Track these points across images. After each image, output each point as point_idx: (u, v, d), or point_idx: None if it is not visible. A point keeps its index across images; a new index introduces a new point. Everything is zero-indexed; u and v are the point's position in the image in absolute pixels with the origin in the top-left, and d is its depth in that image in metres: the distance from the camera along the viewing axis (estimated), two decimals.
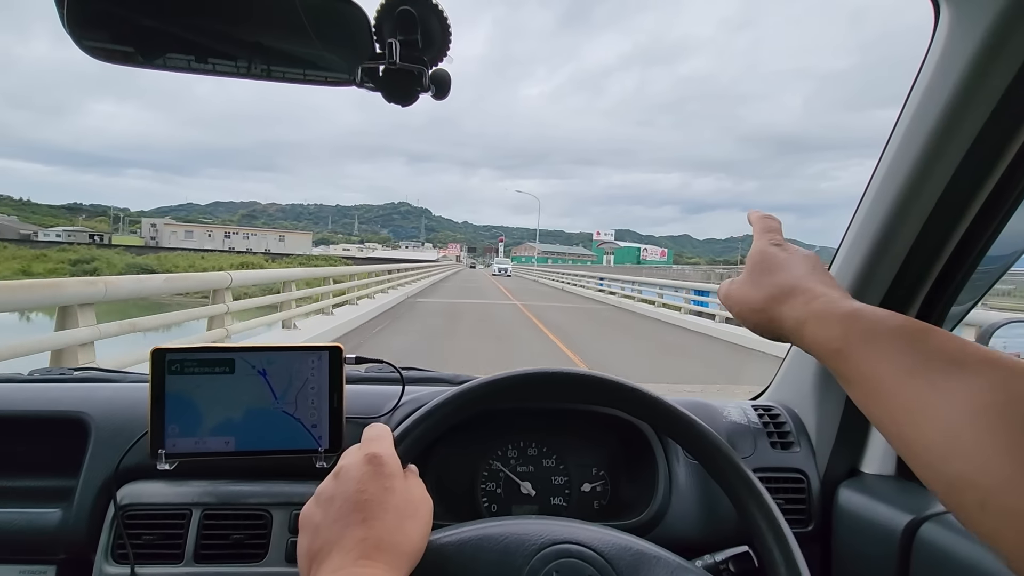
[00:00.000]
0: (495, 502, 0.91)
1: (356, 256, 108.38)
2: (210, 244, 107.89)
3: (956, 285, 0.74)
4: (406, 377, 0.90)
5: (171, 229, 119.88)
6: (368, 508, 0.47)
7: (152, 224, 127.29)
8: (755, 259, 0.53)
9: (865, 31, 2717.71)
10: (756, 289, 0.51)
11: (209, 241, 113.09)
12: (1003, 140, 0.62)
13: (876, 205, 0.74)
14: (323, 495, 0.50)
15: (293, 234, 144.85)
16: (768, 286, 0.50)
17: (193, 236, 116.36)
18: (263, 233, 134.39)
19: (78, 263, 35.98)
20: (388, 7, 0.50)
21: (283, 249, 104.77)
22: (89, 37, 0.50)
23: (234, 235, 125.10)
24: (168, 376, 0.71)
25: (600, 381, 0.67)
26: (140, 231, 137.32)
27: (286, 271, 9.16)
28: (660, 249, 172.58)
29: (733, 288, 0.55)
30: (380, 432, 0.55)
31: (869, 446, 0.85)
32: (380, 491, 0.49)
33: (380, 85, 0.51)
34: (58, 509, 0.78)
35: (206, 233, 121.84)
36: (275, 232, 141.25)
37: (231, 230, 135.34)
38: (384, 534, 0.47)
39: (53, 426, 0.83)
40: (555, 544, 0.54)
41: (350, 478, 0.49)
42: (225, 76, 0.53)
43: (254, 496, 0.77)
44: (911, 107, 0.67)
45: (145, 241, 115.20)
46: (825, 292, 0.47)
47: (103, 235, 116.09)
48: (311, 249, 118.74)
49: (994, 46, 0.57)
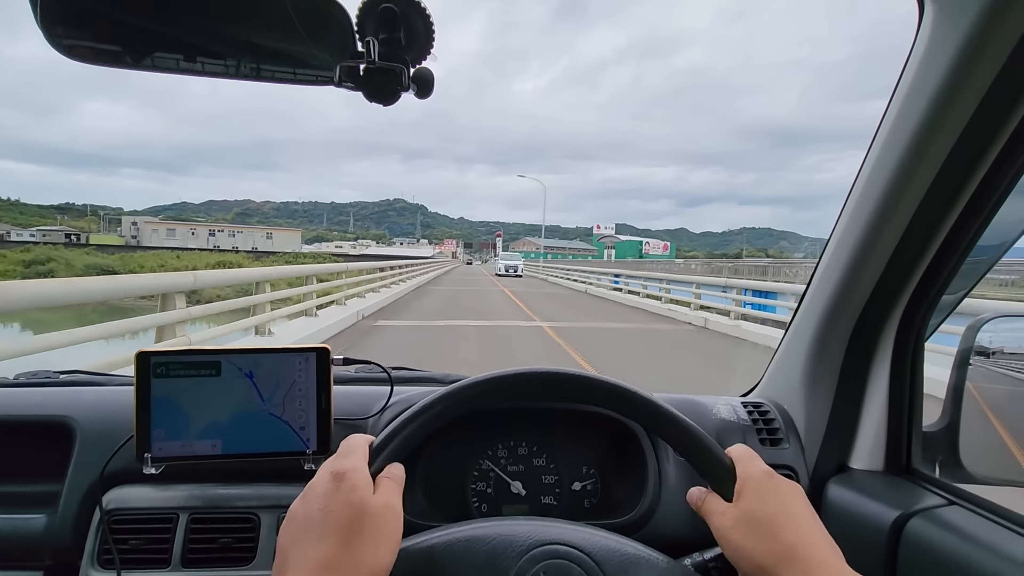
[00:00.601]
0: (485, 502, 0.90)
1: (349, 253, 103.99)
2: (194, 243, 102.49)
3: (945, 277, 0.75)
4: (395, 377, 0.90)
5: (152, 227, 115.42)
6: (324, 527, 0.47)
7: (133, 223, 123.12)
8: (751, 499, 0.55)
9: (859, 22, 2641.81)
10: (756, 538, 0.52)
11: (193, 239, 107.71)
12: (989, 133, 0.62)
13: (866, 197, 0.74)
14: (292, 514, 0.50)
15: (281, 231, 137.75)
16: (769, 541, 0.52)
17: (176, 234, 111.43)
18: (250, 231, 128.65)
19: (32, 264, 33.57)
20: (370, 5, 0.50)
21: (271, 247, 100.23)
22: (69, 36, 0.49)
23: (219, 233, 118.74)
24: (154, 379, 0.70)
25: (588, 380, 0.66)
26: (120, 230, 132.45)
27: (257, 270, 7.88)
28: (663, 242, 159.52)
29: (727, 520, 0.55)
30: (351, 447, 0.54)
31: (857, 442, 0.85)
32: (339, 507, 0.48)
33: (361, 84, 0.50)
34: (43, 515, 0.77)
35: (189, 231, 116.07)
36: (262, 229, 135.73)
37: (216, 228, 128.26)
38: (339, 553, 0.46)
39: (38, 430, 0.82)
40: (543, 545, 0.54)
41: (315, 496, 0.49)
42: (208, 76, 0.52)
43: (241, 499, 0.77)
44: (897, 102, 0.67)
45: (126, 240, 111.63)
46: (824, 559, 0.50)
47: (79, 234, 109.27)
48: (301, 246, 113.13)
49: (978, 42, 0.57)
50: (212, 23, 0.49)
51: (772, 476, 0.56)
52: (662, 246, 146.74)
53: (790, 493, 0.55)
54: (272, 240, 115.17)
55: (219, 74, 0.51)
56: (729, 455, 0.60)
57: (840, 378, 0.87)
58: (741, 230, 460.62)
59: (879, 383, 0.83)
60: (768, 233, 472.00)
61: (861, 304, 0.82)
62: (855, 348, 0.85)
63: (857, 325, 0.84)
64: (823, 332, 0.86)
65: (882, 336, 0.83)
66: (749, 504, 0.55)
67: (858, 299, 0.81)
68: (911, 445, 0.82)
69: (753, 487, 0.55)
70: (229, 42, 0.50)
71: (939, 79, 0.61)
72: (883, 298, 0.80)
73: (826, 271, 0.84)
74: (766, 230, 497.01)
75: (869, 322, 0.83)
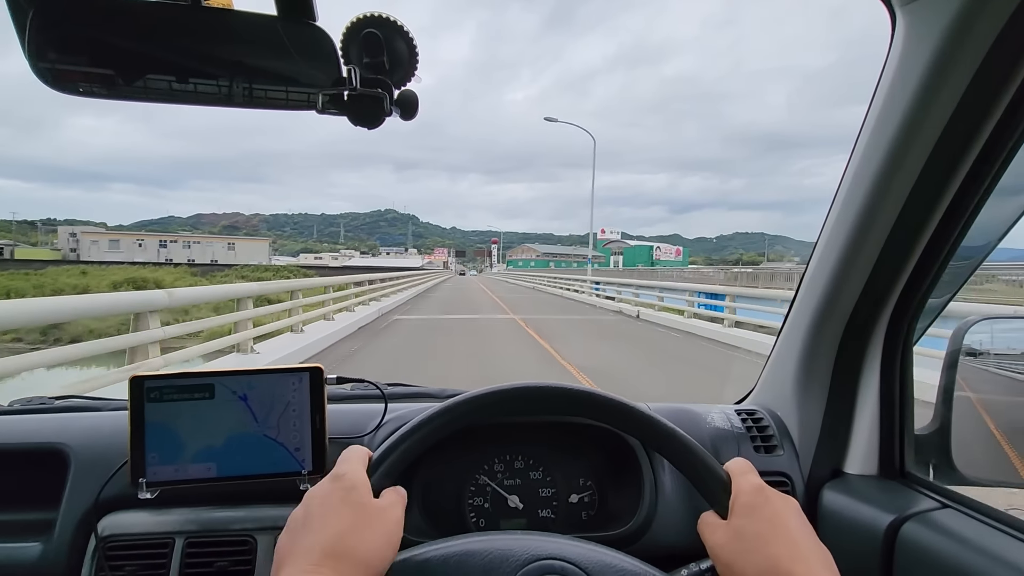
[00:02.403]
0: (483, 516, 0.90)
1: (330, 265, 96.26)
2: (142, 255, 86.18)
3: (931, 280, 0.76)
4: (390, 394, 0.90)
5: (91, 239, 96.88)
6: (324, 519, 0.48)
7: (71, 234, 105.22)
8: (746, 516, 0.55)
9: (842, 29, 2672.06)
10: (750, 554, 0.52)
11: (140, 252, 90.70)
12: (965, 138, 0.63)
13: (849, 203, 0.75)
14: (291, 520, 0.51)
15: (246, 241, 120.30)
16: (763, 559, 0.51)
17: (120, 246, 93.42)
18: (209, 241, 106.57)
19: None
20: (353, 30, 0.50)
21: (232, 259, 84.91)
22: (54, 65, 0.49)
23: (172, 244, 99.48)
24: (147, 404, 0.70)
25: (582, 395, 0.67)
26: (56, 243, 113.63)
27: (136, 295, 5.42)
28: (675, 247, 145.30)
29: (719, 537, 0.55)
30: (350, 454, 0.55)
31: (851, 446, 0.86)
32: (338, 501, 0.49)
33: (345, 109, 0.51)
34: (38, 543, 0.77)
35: (136, 242, 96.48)
36: (224, 239, 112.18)
37: (168, 238, 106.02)
38: (336, 539, 0.47)
39: (32, 458, 0.82)
40: (539, 560, 0.54)
41: (313, 497, 0.51)
42: (191, 104, 0.52)
43: (238, 522, 0.76)
44: (875, 110, 0.69)
45: (63, 254, 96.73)
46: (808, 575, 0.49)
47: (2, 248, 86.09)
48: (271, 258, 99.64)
49: (949, 52, 0.58)
50: (197, 51, 0.50)
51: (763, 491, 0.57)
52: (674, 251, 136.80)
53: (782, 507, 0.55)
54: (235, 251, 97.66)
55: (205, 101, 0.51)
56: (726, 470, 0.60)
57: (832, 383, 0.87)
58: (734, 235, 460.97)
59: (870, 387, 0.84)
60: (761, 238, 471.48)
61: (849, 309, 0.83)
62: (845, 353, 0.86)
63: (846, 330, 0.84)
64: (813, 338, 0.87)
65: (871, 340, 0.83)
66: (739, 520, 0.55)
67: (846, 304, 0.82)
68: (904, 448, 0.82)
69: (744, 502, 0.56)
70: (214, 70, 0.51)
71: (914, 87, 0.62)
72: (871, 302, 0.81)
73: (814, 277, 0.85)
74: (759, 235, 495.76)
75: (858, 327, 0.83)
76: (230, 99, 0.51)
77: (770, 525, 0.53)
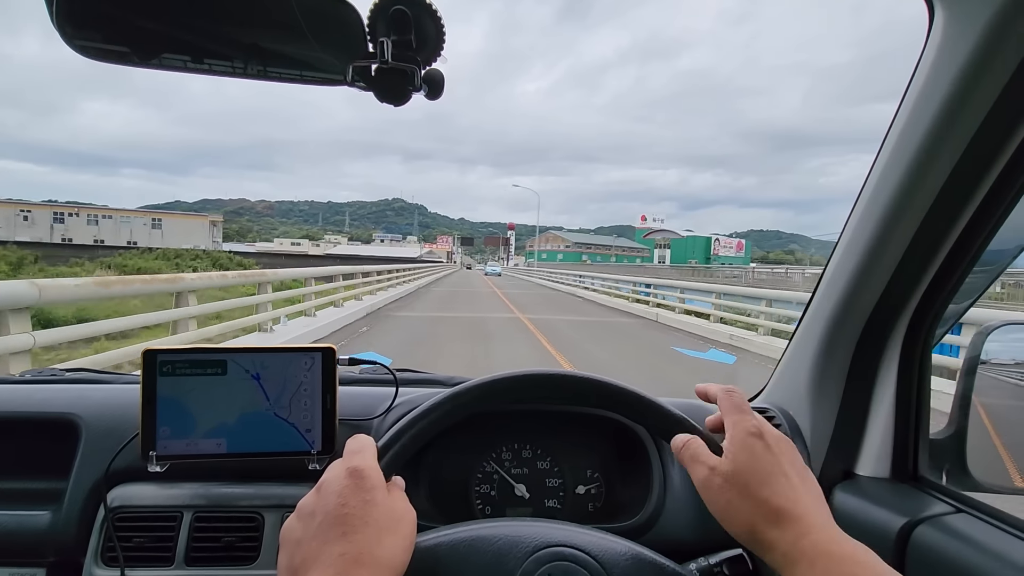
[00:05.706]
0: (489, 504, 0.90)
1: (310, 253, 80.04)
2: (27, 233, 60.80)
3: (953, 284, 0.74)
4: (400, 379, 0.90)
5: None
6: (348, 523, 0.47)
7: None
8: (740, 458, 0.53)
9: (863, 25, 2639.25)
10: (743, 499, 0.51)
11: (26, 228, 64.95)
12: (1000, 140, 0.62)
13: (873, 203, 0.74)
14: (304, 510, 0.50)
15: (177, 217, 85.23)
16: (757, 501, 0.50)
17: None
18: (126, 216, 76.03)
19: None
20: (382, 7, 0.50)
21: (157, 241, 62.64)
22: (81, 36, 0.49)
23: (71, 217, 72.08)
24: (160, 377, 0.70)
25: (592, 383, 0.66)
26: None
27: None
28: (737, 240, 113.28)
29: (715, 482, 0.53)
30: (362, 445, 0.54)
31: (864, 448, 0.85)
32: (361, 505, 0.48)
33: (372, 84, 0.50)
34: (48, 511, 0.77)
35: (19, 213, 67.74)
36: (146, 215, 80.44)
37: (67, 211, 73.88)
38: (364, 549, 0.46)
39: (43, 427, 0.82)
40: (549, 547, 0.54)
41: (331, 492, 0.49)
42: (219, 75, 0.52)
43: (246, 498, 0.77)
44: (907, 106, 0.67)
45: None
46: (816, 523, 0.48)
47: None
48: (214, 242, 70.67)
49: (989, 47, 0.56)
50: (225, 24, 0.49)
51: (762, 433, 0.55)
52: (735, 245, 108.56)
53: (783, 450, 0.54)
54: (161, 231, 73.07)
55: (237, 75, 0.51)
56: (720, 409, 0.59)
57: (846, 385, 0.86)
58: (749, 232, 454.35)
59: (886, 390, 0.83)
60: (777, 236, 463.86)
61: (868, 311, 0.82)
62: (862, 355, 0.85)
63: (864, 332, 0.83)
64: (830, 338, 0.86)
65: (889, 343, 0.82)
66: (737, 461, 0.53)
67: (865, 306, 0.81)
68: (918, 452, 0.81)
69: (741, 443, 0.54)
70: (246, 45, 0.51)
71: (950, 84, 0.61)
72: (890, 305, 0.80)
73: (833, 277, 0.84)
74: (774, 232, 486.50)
75: (876, 329, 0.82)
76: (262, 72, 0.51)
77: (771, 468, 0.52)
